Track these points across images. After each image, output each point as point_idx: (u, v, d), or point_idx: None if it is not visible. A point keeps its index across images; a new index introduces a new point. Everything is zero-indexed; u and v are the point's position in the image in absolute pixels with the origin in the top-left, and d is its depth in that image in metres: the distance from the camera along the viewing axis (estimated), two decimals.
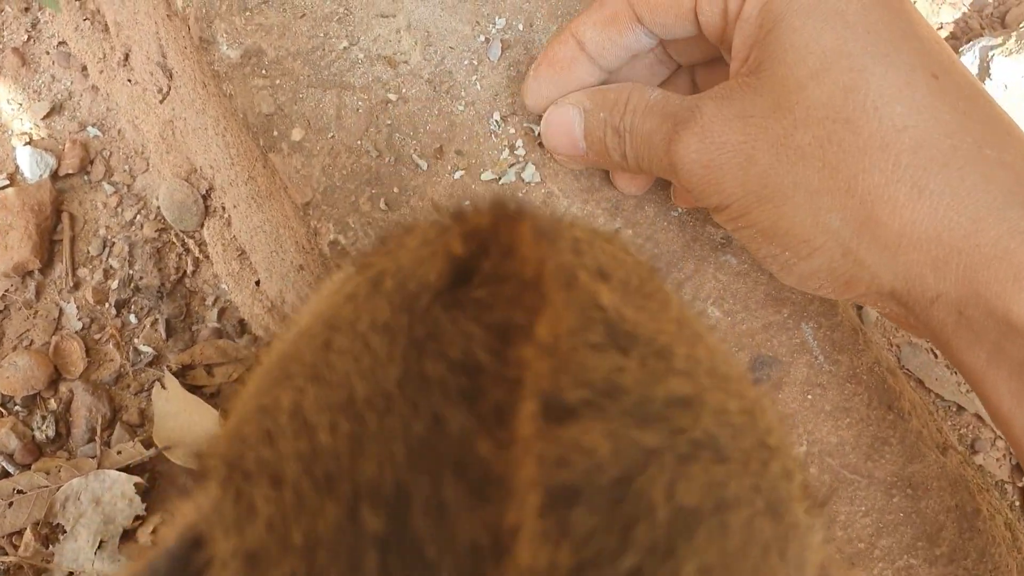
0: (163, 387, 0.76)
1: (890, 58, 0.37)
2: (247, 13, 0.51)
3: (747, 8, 0.39)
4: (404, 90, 0.50)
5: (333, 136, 0.49)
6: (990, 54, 0.60)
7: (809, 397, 0.47)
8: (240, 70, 0.51)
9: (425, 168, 0.49)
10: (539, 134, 0.50)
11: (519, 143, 0.50)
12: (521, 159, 0.50)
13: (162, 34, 0.67)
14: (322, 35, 0.51)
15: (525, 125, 0.50)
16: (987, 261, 0.35)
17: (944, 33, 0.68)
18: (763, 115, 0.38)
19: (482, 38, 0.52)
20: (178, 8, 0.52)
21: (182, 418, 0.75)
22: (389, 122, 0.50)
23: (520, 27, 0.52)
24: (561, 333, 0.18)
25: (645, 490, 0.17)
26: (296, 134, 0.50)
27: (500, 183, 0.49)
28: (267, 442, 0.20)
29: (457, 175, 0.49)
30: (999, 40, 0.61)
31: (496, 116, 0.50)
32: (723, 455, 0.18)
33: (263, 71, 0.51)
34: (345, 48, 0.51)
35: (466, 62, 0.51)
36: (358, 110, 0.50)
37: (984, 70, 0.61)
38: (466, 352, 0.18)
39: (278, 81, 0.50)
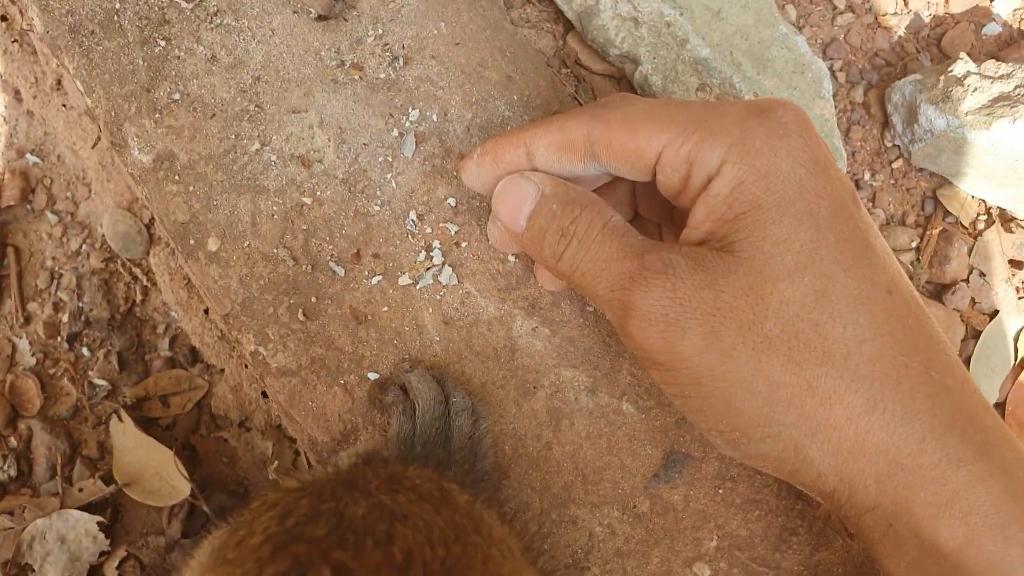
0: (120, 419, 0.78)
1: (855, 270, 0.38)
2: (157, 115, 0.51)
3: (717, 185, 0.40)
4: (319, 192, 0.50)
5: (249, 244, 0.50)
6: (918, 100, 0.60)
7: (720, 491, 0.49)
8: (153, 175, 0.50)
9: (343, 275, 0.50)
10: (455, 232, 0.50)
11: (435, 244, 0.50)
12: (438, 262, 0.50)
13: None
14: (233, 136, 0.51)
15: (441, 225, 0.51)
16: (925, 483, 0.37)
17: (879, 61, 0.67)
18: (735, 296, 0.39)
19: (396, 132, 0.51)
20: (88, 106, 0.51)
21: (139, 452, 0.77)
22: (305, 227, 0.50)
23: (434, 118, 0.52)
24: None
25: None
26: (212, 244, 0.50)
27: (418, 287, 0.50)
28: None
29: (375, 280, 0.50)
30: (929, 82, 0.60)
31: (412, 215, 0.51)
32: None
33: (176, 176, 0.50)
34: (257, 150, 0.51)
35: (380, 159, 0.51)
36: (273, 215, 0.50)
37: (912, 113, 0.61)
38: None
39: (192, 187, 0.50)
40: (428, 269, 0.50)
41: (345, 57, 0.52)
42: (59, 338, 0.80)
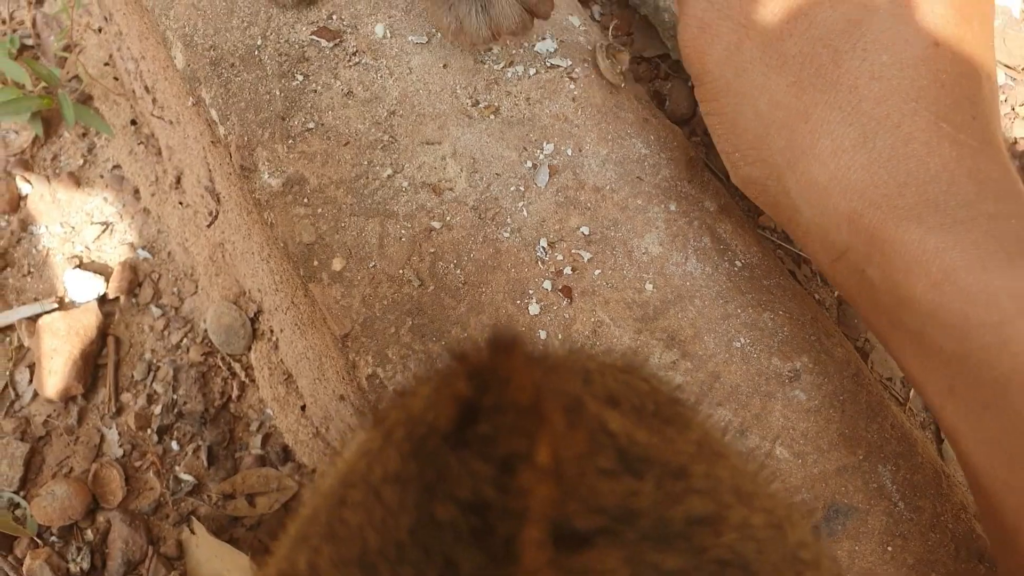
0: (192, 532, 0.74)
1: (901, 10, 0.36)
2: (290, 141, 0.50)
3: None
4: (449, 217, 0.49)
5: (375, 265, 0.48)
6: None
7: (889, 549, 0.43)
8: (281, 199, 0.49)
9: (468, 297, 0.47)
10: (588, 260, 0.48)
11: (566, 270, 0.48)
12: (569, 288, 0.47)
13: (209, 159, 0.67)
14: (366, 163, 0.50)
15: (573, 252, 0.48)
16: (898, 221, 0.35)
17: None
18: (771, 10, 0.38)
19: (529, 164, 0.50)
20: (220, 135, 0.51)
21: (215, 563, 0.72)
22: (432, 250, 0.48)
23: (568, 152, 0.50)
24: (566, 457, 0.18)
25: None
26: (337, 264, 0.48)
27: (547, 314, 0.47)
28: None
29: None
30: None
31: (543, 243, 0.48)
32: (751, 570, 0.18)
33: (305, 200, 0.49)
34: (389, 176, 0.49)
35: (512, 188, 0.49)
36: (401, 238, 0.48)
37: None
38: (475, 490, 0.18)
39: (320, 210, 0.49)
40: (558, 295, 0.47)
41: (480, 97, 0.52)
42: (149, 430, 0.77)
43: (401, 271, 0.47)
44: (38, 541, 0.73)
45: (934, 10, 0.36)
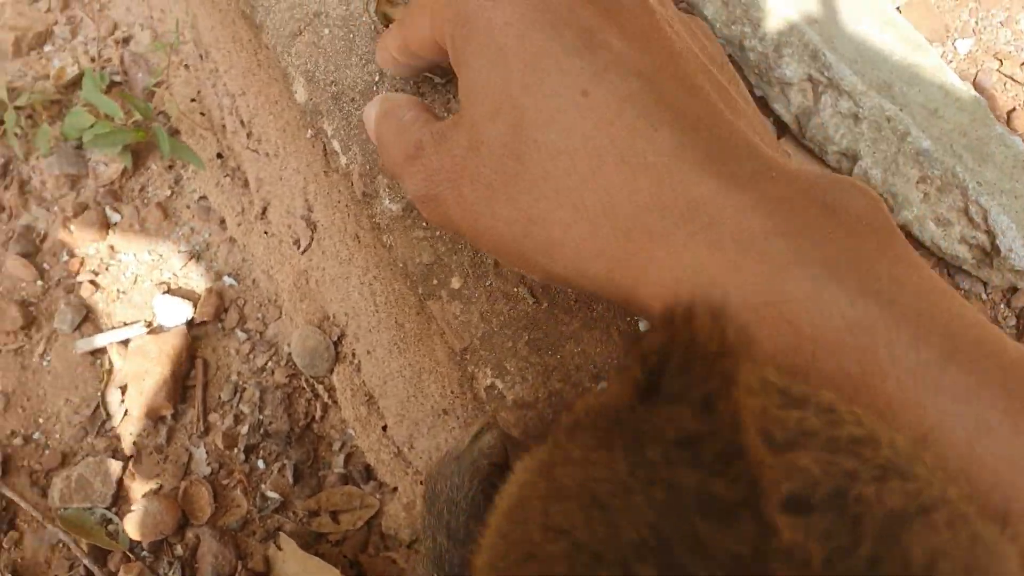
0: (279, 548, 0.76)
1: (544, 86, 0.38)
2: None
3: (446, 43, 0.42)
4: None
5: (491, 284, 0.51)
6: None
7: None
8: (401, 222, 0.53)
9: (582, 314, 0.50)
10: None
11: None
12: None
13: (310, 189, 0.71)
14: None
15: None
16: (635, 259, 0.36)
17: None
18: (463, 156, 0.40)
19: None
20: (340, 165, 0.55)
21: None
22: None
23: None
24: (763, 380, 0.24)
25: (859, 498, 0.20)
26: (455, 282, 0.51)
27: None
28: (528, 558, 0.23)
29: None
30: None
31: None
32: (907, 475, 0.22)
33: (423, 223, 0.52)
34: None
35: None
36: None
37: None
38: (678, 428, 0.22)
39: (438, 233, 0.52)
40: None
41: None
42: (236, 449, 0.80)
43: (516, 289, 0.50)
44: (130, 555, 0.76)
45: (563, 67, 0.38)
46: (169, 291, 0.86)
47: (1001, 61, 0.68)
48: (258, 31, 0.60)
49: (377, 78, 0.56)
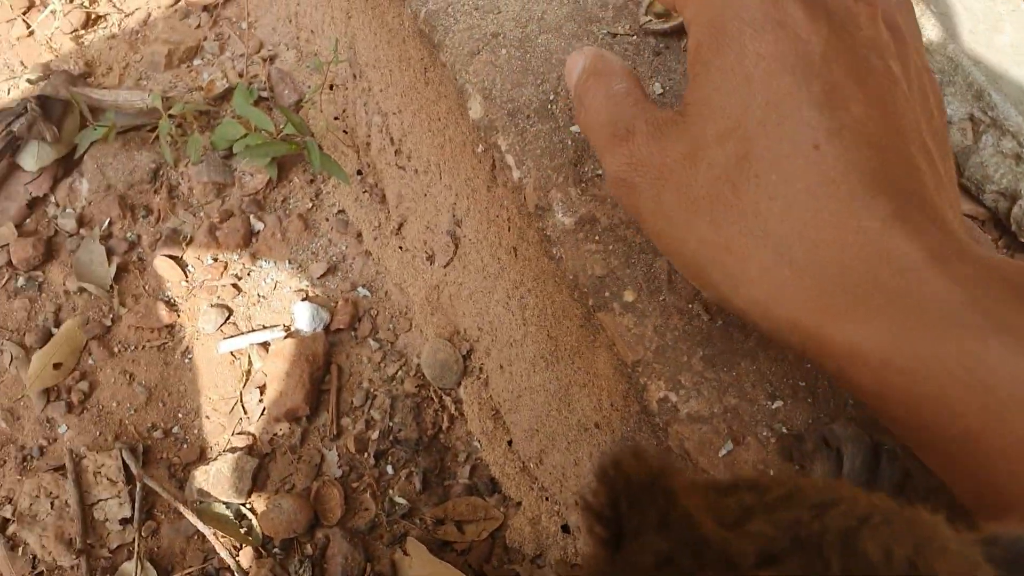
0: (406, 553, 0.78)
1: (780, 129, 0.39)
2: (583, 185, 0.56)
3: (689, 39, 0.43)
4: None
5: (664, 299, 0.52)
6: None
7: None
8: (573, 235, 0.55)
9: (755, 332, 0.51)
10: None
11: None
12: None
13: (460, 205, 0.73)
14: None
15: None
16: (834, 323, 0.37)
17: None
18: (676, 161, 0.41)
19: None
20: (512, 179, 0.57)
21: None
22: None
23: None
24: (693, 484, 0.28)
25: (811, 534, 0.24)
26: (629, 295, 0.52)
27: None
28: None
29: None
30: None
31: None
32: (836, 503, 0.26)
33: (596, 237, 0.54)
34: None
35: None
36: None
37: None
38: (653, 553, 0.25)
39: (611, 247, 0.54)
40: None
41: None
42: (366, 454, 0.82)
43: (690, 305, 0.52)
44: (262, 552, 0.79)
45: (803, 116, 0.39)
46: (308, 298, 0.89)
47: None
48: (436, 50, 0.62)
49: (552, 97, 0.59)
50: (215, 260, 0.91)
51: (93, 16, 1.11)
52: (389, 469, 0.82)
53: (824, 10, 0.41)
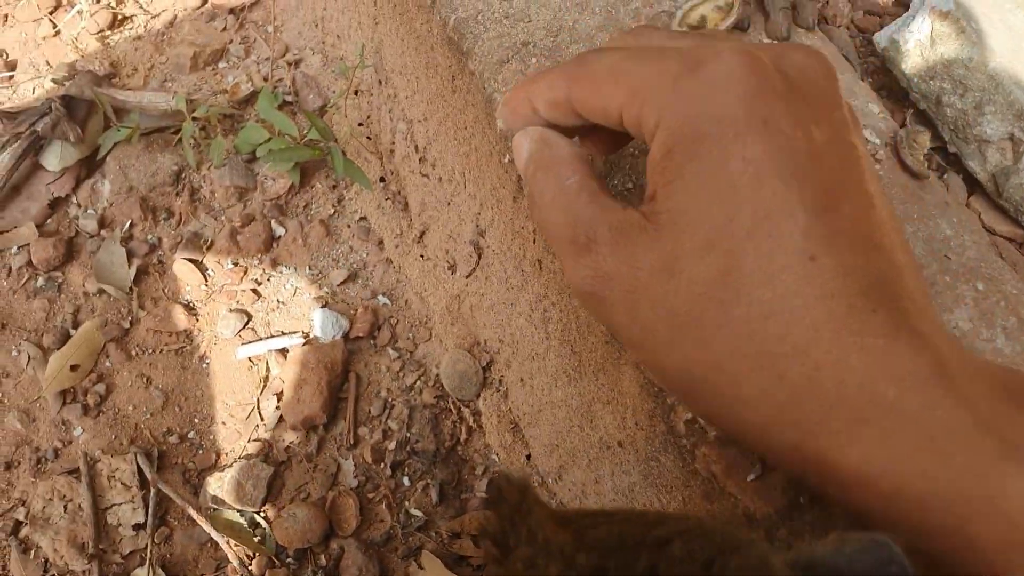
0: (420, 567, 0.77)
1: (770, 242, 0.35)
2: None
3: (653, 150, 0.39)
4: None
5: None
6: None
7: None
8: None
9: None
10: None
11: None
12: None
13: (484, 215, 0.72)
14: None
15: None
16: (837, 447, 0.35)
17: None
18: (649, 274, 0.38)
19: None
20: None
21: None
22: None
23: None
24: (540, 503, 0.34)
25: (634, 542, 0.31)
26: None
27: None
28: None
29: None
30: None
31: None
32: (661, 522, 0.32)
33: None
34: None
35: None
36: None
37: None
38: (530, 554, 0.31)
39: None
40: None
41: None
42: (383, 464, 0.81)
43: None
44: (276, 561, 0.78)
45: (797, 225, 0.35)
46: (327, 305, 0.88)
47: None
48: (465, 57, 0.62)
49: None
50: (235, 265, 0.91)
51: (119, 17, 1.11)
52: (406, 480, 0.81)
53: (801, 96, 0.38)
